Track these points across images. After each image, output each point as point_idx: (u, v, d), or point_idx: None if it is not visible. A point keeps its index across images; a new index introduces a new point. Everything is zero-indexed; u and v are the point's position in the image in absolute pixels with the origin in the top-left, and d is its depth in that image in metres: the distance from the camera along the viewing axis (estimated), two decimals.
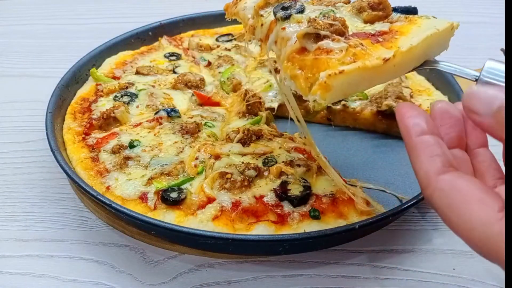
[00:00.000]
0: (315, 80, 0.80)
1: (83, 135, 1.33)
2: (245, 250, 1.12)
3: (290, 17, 0.92)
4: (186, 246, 1.12)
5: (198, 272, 1.09)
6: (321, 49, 0.82)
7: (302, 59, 0.84)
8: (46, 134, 1.25)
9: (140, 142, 1.29)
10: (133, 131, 1.34)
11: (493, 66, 0.77)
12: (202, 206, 1.11)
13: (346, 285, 1.06)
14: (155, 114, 1.38)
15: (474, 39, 1.95)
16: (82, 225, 1.20)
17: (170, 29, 1.81)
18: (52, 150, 1.21)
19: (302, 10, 0.94)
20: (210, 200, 1.12)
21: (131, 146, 1.27)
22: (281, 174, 1.18)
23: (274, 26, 0.95)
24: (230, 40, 1.79)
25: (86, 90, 1.51)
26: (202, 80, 1.55)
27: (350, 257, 1.12)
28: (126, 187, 1.16)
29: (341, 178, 1.15)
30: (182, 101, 1.50)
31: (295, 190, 1.13)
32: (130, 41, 1.72)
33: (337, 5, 1.02)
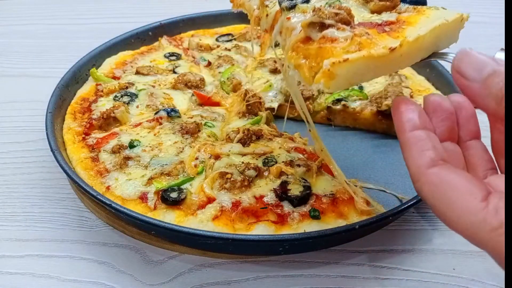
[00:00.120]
0: (319, 69, 0.78)
1: (83, 135, 1.33)
2: (245, 250, 1.12)
3: (295, 6, 0.91)
4: (186, 246, 1.12)
5: (198, 272, 1.09)
6: (325, 38, 0.81)
7: (306, 48, 0.83)
8: (46, 134, 1.25)
9: (140, 142, 1.29)
10: (133, 131, 1.34)
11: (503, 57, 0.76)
12: (202, 206, 1.11)
13: (346, 285, 1.06)
14: (155, 114, 1.38)
15: (474, 39, 1.94)
16: (82, 225, 1.20)
17: (170, 29, 1.81)
18: (52, 150, 1.21)
19: (308, 0, 0.94)
20: (210, 200, 1.12)
21: (131, 146, 1.27)
22: (281, 174, 1.18)
23: (279, 16, 0.95)
24: (230, 40, 1.79)
25: (86, 90, 1.51)
26: (202, 80, 1.55)
27: (350, 257, 1.12)
28: (126, 187, 1.16)
29: (343, 175, 1.15)
30: (182, 101, 1.50)
31: (295, 190, 1.13)
32: (130, 41, 1.73)
33: None
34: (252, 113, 1.43)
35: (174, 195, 1.12)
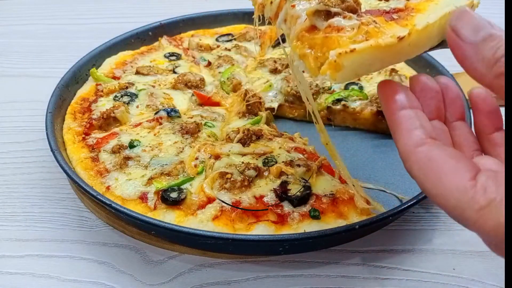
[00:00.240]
0: (325, 59, 0.75)
1: (83, 135, 1.33)
2: (245, 250, 1.12)
3: None
4: (186, 246, 1.12)
5: (198, 272, 1.09)
6: (331, 27, 0.78)
7: (311, 38, 0.80)
8: (46, 134, 1.25)
9: (140, 142, 1.29)
10: (133, 131, 1.33)
11: None
12: (202, 206, 1.11)
13: (346, 285, 1.06)
14: (155, 114, 1.38)
15: None
16: (82, 225, 1.20)
17: (170, 29, 1.81)
18: (52, 150, 1.21)
19: None
20: (210, 200, 1.12)
21: (131, 146, 1.27)
22: (281, 174, 1.18)
23: (283, 3, 0.91)
24: (230, 40, 1.79)
25: (86, 90, 1.51)
26: (202, 80, 1.55)
27: (350, 257, 1.12)
28: (126, 187, 1.16)
29: (347, 171, 1.14)
30: (182, 101, 1.49)
31: (295, 190, 1.13)
32: (130, 41, 1.72)
33: None
34: (252, 113, 1.43)
35: (174, 195, 1.12)
